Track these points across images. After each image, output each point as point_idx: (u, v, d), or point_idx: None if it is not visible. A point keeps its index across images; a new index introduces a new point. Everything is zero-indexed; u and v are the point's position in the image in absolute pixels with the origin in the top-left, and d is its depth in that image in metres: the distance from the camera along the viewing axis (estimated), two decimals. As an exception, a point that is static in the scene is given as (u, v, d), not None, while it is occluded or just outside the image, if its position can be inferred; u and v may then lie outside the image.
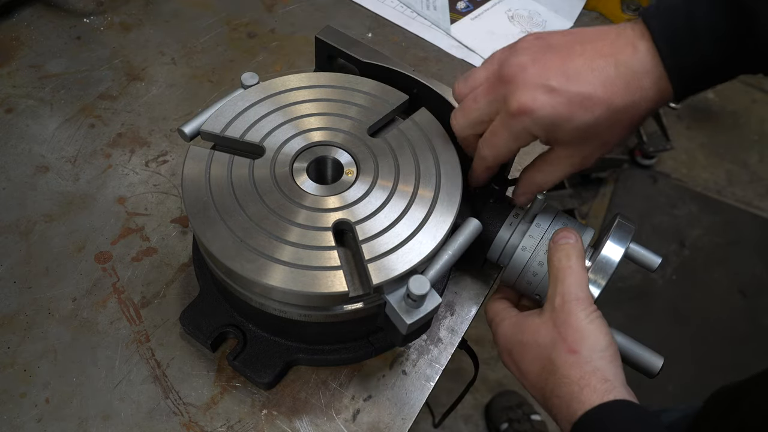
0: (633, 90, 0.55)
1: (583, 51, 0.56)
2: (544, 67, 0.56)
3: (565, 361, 0.57)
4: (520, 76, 0.57)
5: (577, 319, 0.58)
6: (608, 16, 1.19)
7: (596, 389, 0.54)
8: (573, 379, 0.56)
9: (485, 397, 1.97)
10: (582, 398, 0.54)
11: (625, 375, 0.58)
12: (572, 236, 0.64)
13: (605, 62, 0.55)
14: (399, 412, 0.69)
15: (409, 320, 0.58)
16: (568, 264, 0.61)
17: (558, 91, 0.55)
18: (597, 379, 0.55)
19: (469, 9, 1.17)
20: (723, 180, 2.75)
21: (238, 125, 0.69)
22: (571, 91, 0.55)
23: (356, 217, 0.63)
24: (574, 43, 0.57)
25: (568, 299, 0.59)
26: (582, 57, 0.56)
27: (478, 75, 0.62)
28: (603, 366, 0.56)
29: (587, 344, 0.57)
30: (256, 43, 1.06)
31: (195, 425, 0.66)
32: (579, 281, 0.60)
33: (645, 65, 0.54)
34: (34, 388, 0.67)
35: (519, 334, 0.63)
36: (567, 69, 0.56)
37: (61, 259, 0.76)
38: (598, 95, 0.55)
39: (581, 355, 0.56)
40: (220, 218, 0.61)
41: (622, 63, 0.55)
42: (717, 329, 2.21)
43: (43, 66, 0.97)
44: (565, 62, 0.56)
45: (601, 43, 0.56)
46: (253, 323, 0.70)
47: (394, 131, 0.71)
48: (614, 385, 0.55)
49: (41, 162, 0.86)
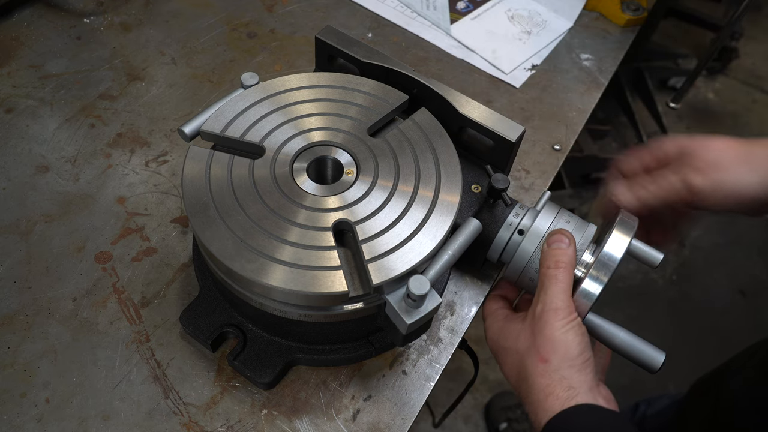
0: None
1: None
2: None
3: (536, 369, 0.60)
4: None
5: (552, 328, 0.60)
6: (608, 17, 1.19)
7: (559, 397, 0.57)
8: (540, 387, 0.59)
9: (485, 397, 1.97)
10: (546, 406, 0.57)
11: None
12: (565, 240, 0.65)
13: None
14: (399, 412, 0.69)
15: (409, 320, 0.58)
16: (554, 272, 0.63)
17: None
18: (562, 387, 0.58)
19: (469, 9, 1.17)
20: (723, 180, 2.74)
21: (238, 125, 0.69)
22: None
23: (356, 217, 0.63)
24: None
25: (547, 308, 0.61)
26: None
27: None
28: (570, 375, 0.59)
29: (558, 354, 0.59)
30: (256, 43, 1.06)
31: (195, 425, 0.66)
32: (561, 290, 0.62)
33: None
34: (34, 388, 0.67)
35: (502, 340, 0.66)
36: None
37: (61, 259, 0.76)
38: None
39: (551, 364, 0.59)
40: (220, 218, 0.61)
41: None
42: (717, 329, 2.21)
43: (43, 66, 0.97)
44: None
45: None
46: (253, 323, 0.70)
47: (394, 131, 0.71)
48: (578, 392, 0.57)
49: (41, 162, 0.86)
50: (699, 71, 1.30)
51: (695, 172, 0.66)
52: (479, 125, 0.74)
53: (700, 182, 0.66)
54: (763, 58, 3.24)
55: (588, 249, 0.67)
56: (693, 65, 2.66)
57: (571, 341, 0.59)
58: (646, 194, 0.69)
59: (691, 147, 0.68)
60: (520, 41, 1.12)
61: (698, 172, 0.66)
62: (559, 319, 0.60)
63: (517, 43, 1.12)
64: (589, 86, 1.06)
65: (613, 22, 1.18)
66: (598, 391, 0.59)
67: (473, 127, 0.76)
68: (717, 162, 0.66)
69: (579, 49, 1.13)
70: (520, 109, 1.01)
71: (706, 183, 0.66)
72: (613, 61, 1.11)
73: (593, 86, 1.06)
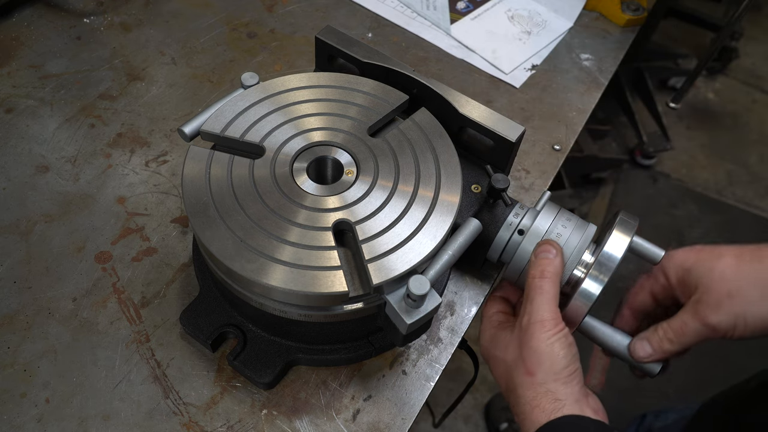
0: None
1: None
2: None
3: (522, 381, 0.61)
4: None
5: (537, 341, 0.61)
6: (608, 17, 1.19)
7: (545, 410, 0.58)
8: (527, 399, 0.60)
9: (485, 397, 1.97)
10: (533, 418, 0.58)
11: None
12: (552, 251, 0.65)
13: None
14: (399, 412, 0.69)
15: (409, 320, 0.58)
16: (540, 283, 0.63)
17: None
18: (548, 400, 0.59)
19: (469, 9, 1.17)
20: (723, 180, 2.75)
21: (238, 125, 0.69)
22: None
23: (356, 217, 0.63)
24: None
25: (533, 320, 0.62)
26: None
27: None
28: (556, 388, 0.59)
29: (543, 367, 0.60)
30: (256, 43, 1.06)
31: (195, 425, 0.66)
32: (547, 301, 0.63)
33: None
34: (34, 388, 0.67)
35: (493, 348, 0.67)
36: None
37: (61, 259, 0.76)
38: None
39: (536, 377, 0.60)
40: (220, 218, 0.61)
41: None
42: (717, 329, 2.21)
43: (43, 66, 0.97)
44: None
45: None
46: (253, 323, 0.70)
47: (394, 131, 0.71)
48: (564, 404, 0.58)
49: (41, 162, 0.86)
50: (699, 71, 1.30)
51: (713, 311, 0.63)
52: (479, 125, 0.74)
53: (722, 320, 0.63)
54: (763, 58, 3.24)
55: (588, 249, 0.67)
56: (693, 65, 2.66)
57: (557, 353, 0.60)
58: (671, 346, 0.66)
59: (695, 277, 0.65)
60: (520, 41, 1.12)
61: (716, 310, 0.63)
62: (544, 331, 0.61)
63: (517, 43, 1.12)
64: (589, 86, 1.06)
65: (613, 22, 1.18)
66: (586, 402, 0.60)
67: (473, 127, 0.76)
68: (732, 293, 0.63)
69: (579, 49, 1.13)
70: (520, 109, 1.01)
71: (729, 320, 0.63)
72: (613, 61, 1.11)
73: (593, 86, 1.06)
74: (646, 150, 2.61)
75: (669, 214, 2.60)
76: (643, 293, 0.72)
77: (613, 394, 1.94)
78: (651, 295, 0.72)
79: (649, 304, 0.72)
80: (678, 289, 0.68)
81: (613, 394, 1.94)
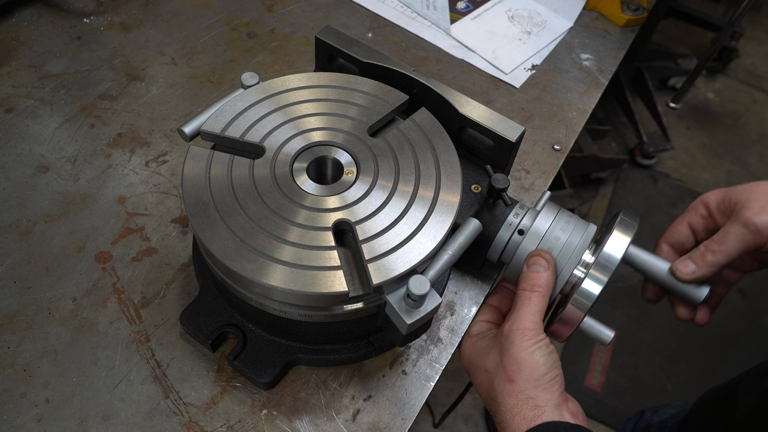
0: None
1: None
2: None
3: (503, 389, 0.61)
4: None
5: (518, 349, 0.61)
6: (608, 17, 1.19)
7: (525, 417, 0.59)
8: (508, 407, 0.60)
9: (485, 397, 1.97)
10: (513, 426, 0.59)
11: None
12: (544, 264, 0.66)
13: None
14: (399, 412, 0.69)
15: (409, 320, 0.58)
16: (529, 295, 0.64)
17: None
18: (528, 407, 0.59)
19: (469, 9, 1.17)
20: (723, 180, 2.75)
21: (238, 125, 0.69)
22: None
23: (356, 217, 0.63)
24: None
25: (516, 328, 0.63)
26: None
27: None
28: (536, 394, 0.60)
29: (523, 375, 0.61)
30: (256, 43, 1.06)
31: (195, 425, 0.66)
32: (533, 312, 0.63)
33: None
34: (34, 388, 0.67)
35: (474, 357, 0.67)
36: None
37: (61, 259, 0.76)
38: None
39: (517, 384, 0.61)
40: (220, 218, 0.61)
41: None
42: (716, 329, 2.21)
43: (43, 66, 0.97)
44: None
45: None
46: (253, 323, 0.70)
47: (394, 131, 0.71)
48: (543, 410, 0.59)
49: (41, 162, 0.86)
50: (699, 71, 1.29)
51: (756, 214, 0.64)
52: (479, 125, 0.74)
53: (764, 220, 0.64)
54: (763, 58, 3.24)
55: (588, 249, 0.67)
56: (693, 65, 2.65)
57: (537, 360, 0.61)
58: (717, 257, 0.66)
59: (736, 195, 0.67)
60: (520, 41, 1.12)
61: (758, 213, 0.64)
62: (525, 339, 0.62)
63: (517, 43, 1.12)
64: (589, 86, 1.06)
65: (613, 22, 1.18)
66: (566, 406, 0.61)
67: (473, 127, 0.76)
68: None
69: (579, 49, 1.13)
70: (520, 109, 1.01)
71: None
72: (613, 61, 1.11)
73: (593, 86, 1.06)
74: (646, 150, 2.62)
75: (669, 214, 2.60)
76: (682, 225, 0.72)
77: (610, 391, 1.94)
78: (690, 227, 0.72)
79: (688, 236, 0.72)
80: (717, 213, 0.69)
81: (611, 391, 1.94)
